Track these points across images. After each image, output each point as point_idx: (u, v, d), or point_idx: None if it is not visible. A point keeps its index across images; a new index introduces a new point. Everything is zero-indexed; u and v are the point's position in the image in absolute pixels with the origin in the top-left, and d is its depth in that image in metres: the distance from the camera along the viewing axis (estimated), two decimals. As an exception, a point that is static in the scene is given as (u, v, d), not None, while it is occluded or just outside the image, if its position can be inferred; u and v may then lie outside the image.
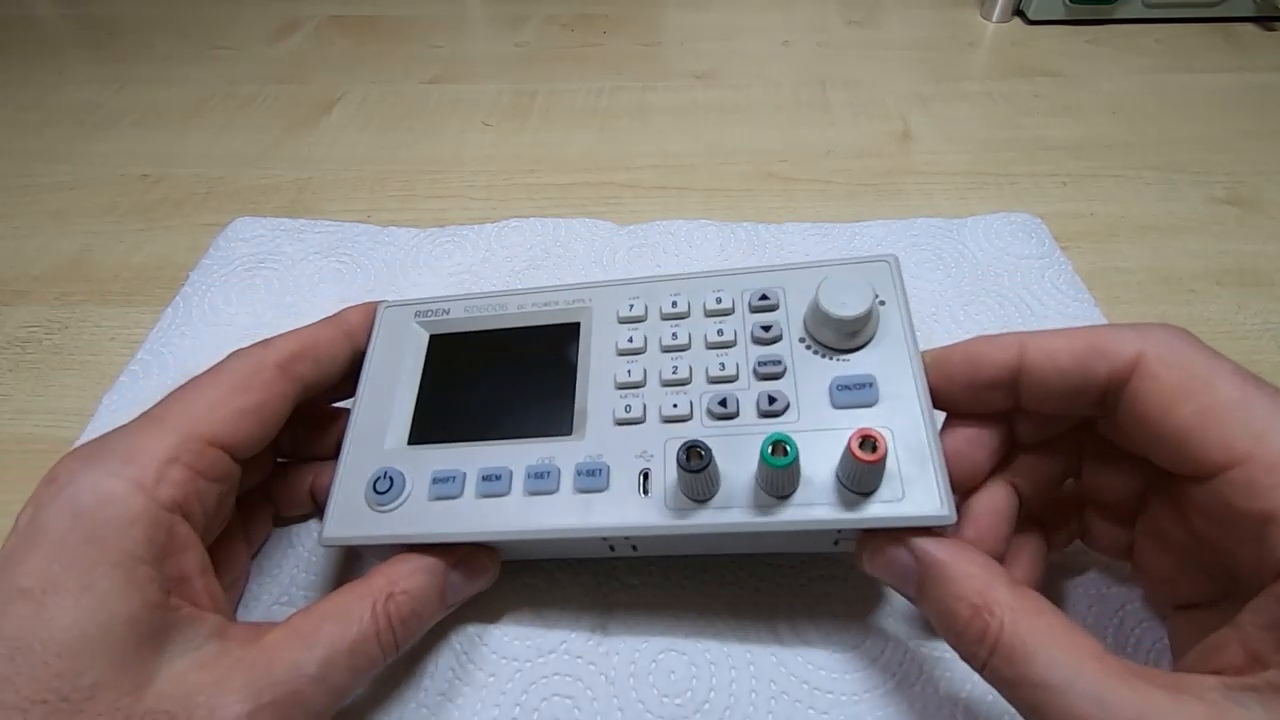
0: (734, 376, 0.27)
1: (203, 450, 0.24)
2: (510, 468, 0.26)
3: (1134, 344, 0.21)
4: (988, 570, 0.21)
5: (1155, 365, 0.20)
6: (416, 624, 0.25)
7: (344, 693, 0.23)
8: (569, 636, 0.28)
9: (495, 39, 0.69)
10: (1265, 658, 0.17)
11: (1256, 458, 0.18)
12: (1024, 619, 0.19)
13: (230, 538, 0.28)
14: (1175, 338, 0.21)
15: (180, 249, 0.46)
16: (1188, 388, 0.20)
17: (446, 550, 0.26)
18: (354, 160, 0.54)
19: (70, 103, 0.60)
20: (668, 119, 0.57)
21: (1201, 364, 0.20)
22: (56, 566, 0.20)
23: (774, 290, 0.28)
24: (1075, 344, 0.22)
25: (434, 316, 0.31)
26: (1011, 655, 0.19)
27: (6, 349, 0.41)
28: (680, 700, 0.27)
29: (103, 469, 0.22)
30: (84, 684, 0.19)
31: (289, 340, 0.28)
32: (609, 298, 0.30)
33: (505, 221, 0.46)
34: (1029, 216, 0.45)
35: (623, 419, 0.26)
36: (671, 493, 0.24)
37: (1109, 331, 0.22)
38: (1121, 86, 0.59)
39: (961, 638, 0.21)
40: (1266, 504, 0.17)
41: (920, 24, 0.69)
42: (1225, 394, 0.19)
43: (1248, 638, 0.18)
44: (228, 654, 0.22)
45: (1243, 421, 0.18)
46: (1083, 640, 0.19)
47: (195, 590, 0.23)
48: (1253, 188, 0.49)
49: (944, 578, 0.21)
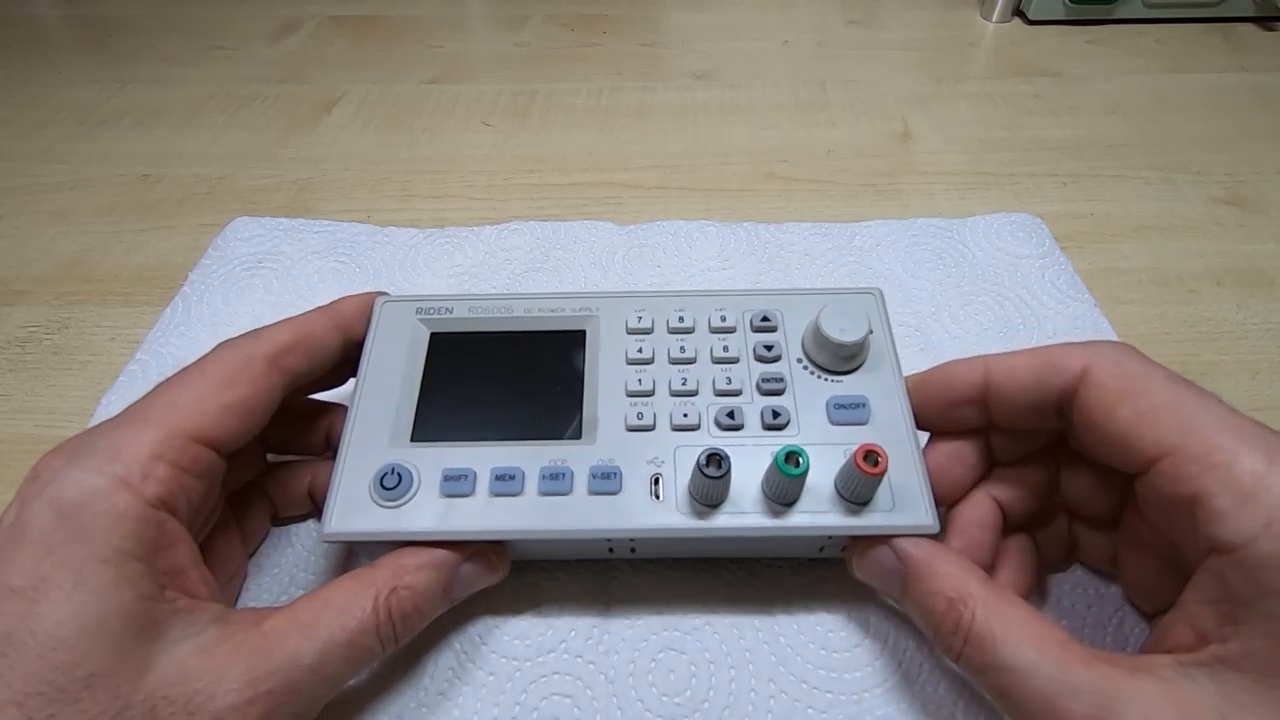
0: (739, 390, 0.28)
1: (187, 447, 0.24)
2: (523, 468, 0.26)
3: (1082, 358, 0.23)
4: (963, 569, 0.23)
5: (1099, 375, 0.23)
6: (418, 619, 0.25)
7: (338, 683, 0.24)
8: (569, 635, 0.28)
9: (495, 39, 0.69)
10: (1209, 633, 0.19)
11: (1184, 448, 0.20)
12: (994, 610, 0.21)
13: (225, 535, 0.28)
14: (1118, 351, 0.23)
15: (180, 249, 0.46)
16: (1126, 392, 0.22)
17: (457, 545, 0.26)
18: (354, 160, 0.54)
19: (70, 103, 0.60)
20: (668, 119, 0.57)
21: (1139, 372, 0.22)
22: (46, 565, 0.20)
23: (774, 313, 0.30)
24: (1033, 361, 0.24)
25: (436, 315, 0.31)
26: (982, 643, 0.21)
27: (6, 349, 0.41)
28: (680, 699, 0.27)
29: (87, 466, 0.22)
30: (80, 675, 0.20)
31: (280, 331, 0.27)
32: (615, 308, 0.31)
33: (505, 224, 0.46)
34: (1029, 216, 0.45)
35: (634, 425, 0.27)
36: (683, 497, 0.26)
37: (1061, 349, 0.24)
38: (1121, 86, 0.60)
39: (939, 630, 0.22)
40: (1192, 487, 0.19)
41: (920, 24, 0.69)
42: (1158, 396, 0.21)
43: (1191, 616, 0.20)
44: (229, 639, 0.22)
45: (1173, 418, 0.21)
46: (1049, 629, 0.21)
47: (191, 582, 0.23)
48: (1253, 188, 0.49)
49: (924, 576, 0.23)
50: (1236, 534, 0.18)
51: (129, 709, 0.20)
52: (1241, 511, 0.18)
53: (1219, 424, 0.20)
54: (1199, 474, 0.19)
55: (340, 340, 0.29)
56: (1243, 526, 0.18)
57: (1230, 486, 0.19)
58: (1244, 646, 0.18)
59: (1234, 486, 0.19)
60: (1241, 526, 0.18)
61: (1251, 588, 0.18)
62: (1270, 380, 0.38)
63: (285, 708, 0.22)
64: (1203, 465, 0.19)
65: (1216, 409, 0.21)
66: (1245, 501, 0.18)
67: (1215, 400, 0.21)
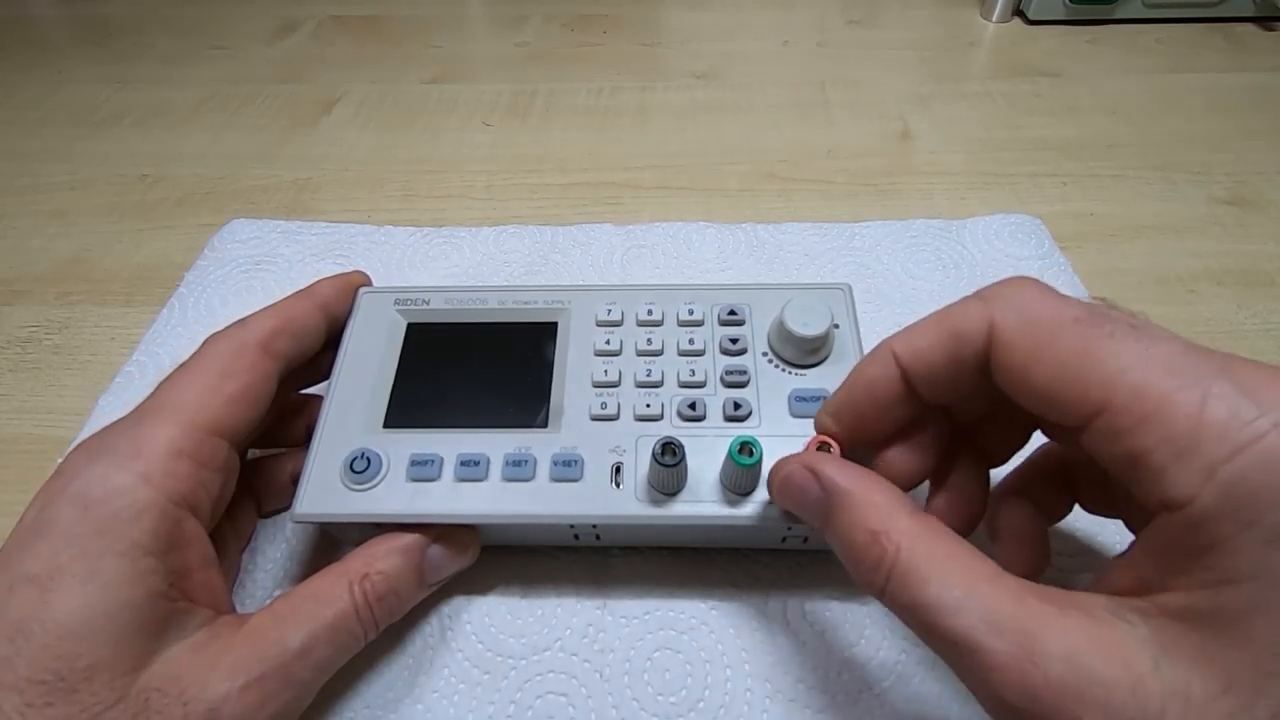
0: (703, 382, 0.29)
1: (204, 441, 0.24)
2: (488, 455, 0.27)
3: (983, 317, 0.20)
4: (891, 499, 0.21)
5: (1005, 334, 0.20)
6: (395, 601, 0.26)
7: (327, 668, 0.24)
8: (564, 634, 0.28)
9: (495, 39, 0.69)
10: (1151, 582, 0.18)
11: (1112, 403, 0.18)
12: (920, 544, 0.19)
13: (219, 530, 0.28)
14: (1020, 294, 0.20)
15: (180, 249, 0.46)
16: (1036, 350, 0.19)
17: (424, 529, 0.27)
18: (354, 160, 0.54)
19: (70, 103, 0.61)
20: (668, 119, 0.57)
21: (1046, 318, 0.20)
22: (64, 555, 0.21)
23: (741, 306, 0.31)
24: (937, 335, 0.21)
25: (413, 305, 0.32)
26: (906, 579, 0.19)
27: (6, 349, 0.41)
28: (675, 698, 0.27)
29: (110, 462, 0.23)
30: (81, 665, 0.20)
31: (266, 318, 0.28)
32: (587, 301, 0.31)
33: (504, 226, 0.46)
34: (1028, 217, 0.45)
35: (598, 415, 0.28)
36: (641, 485, 0.26)
37: (960, 310, 0.21)
38: (1121, 86, 0.59)
39: (860, 565, 0.21)
40: (1130, 445, 0.17)
41: (920, 24, 0.69)
42: (1070, 346, 0.19)
43: (1135, 563, 0.18)
44: (217, 637, 0.23)
45: (1091, 371, 0.18)
46: (979, 564, 0.19)
47: (193, 584, 0.23)
48: (1253, 188, 0.49)
49: (847, 506, 0.21)
50: (1180, 490, 0.16)
51: (123, 700, 0.20)
52: (1181, 464, 0.16)
53: (1142, 364, 0.18)
54: (1132, 428, 0.17)
55: (324, 320, 0.30)
56: (1186, 481, 0.16)
57: (1166, 437, 0.17)
58: (1186, 599, 0.17)
59: (1170, 436, 0.17)
60: (1184, 481, 0.16)
61: (1192, 540, 0.16)
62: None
63: (279, 693, 0.22)
64: (1134, 417, 0.17)
65: (1134, 345, 0.18)
66: (1183, 452, 0.16)
67: (1131, 332, 0.18)
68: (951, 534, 0.20)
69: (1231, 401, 0.16)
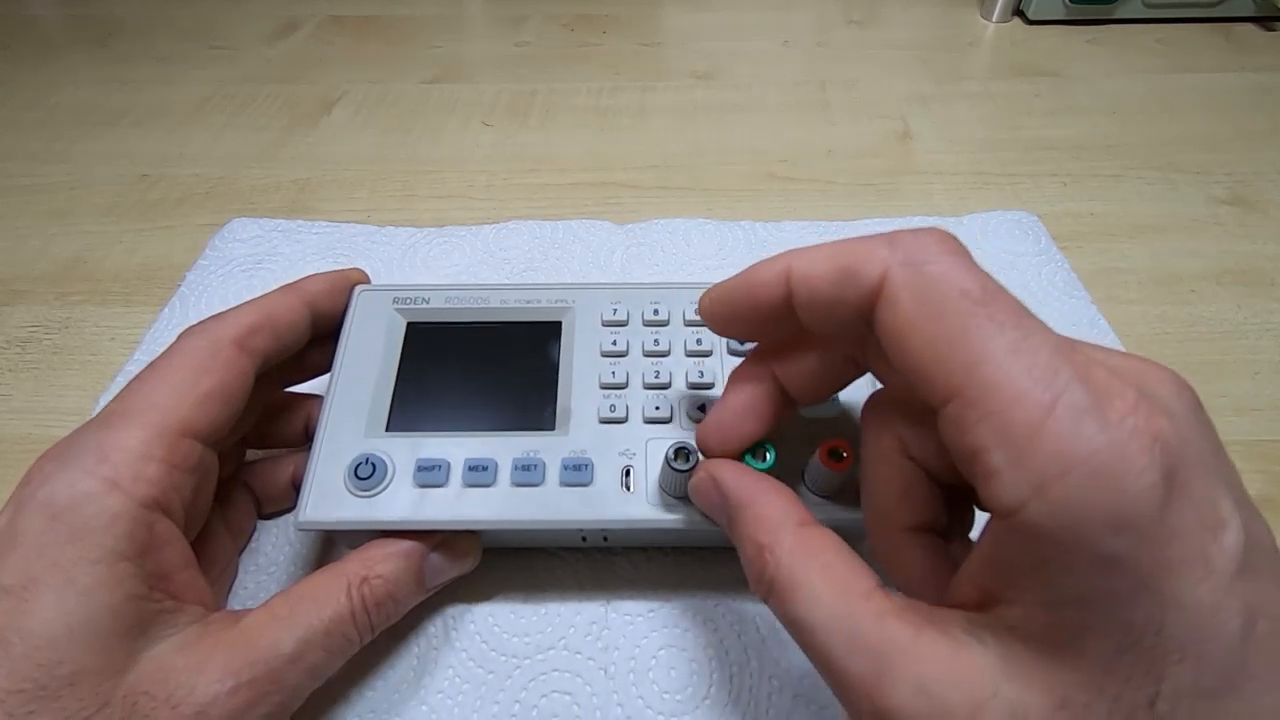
0: (711, 384, 0.29)
1: (175, 443, 0.23)
2: (496, 459, 0.27)
3: (882, 262, 0.18)
4: (781, 512, 0.21)
5: (895, 289, 0.18)
6: (392, 607, 0.25)
7: (320, 672, 0.24)
8: (568, 632, 0.28)
9: (495, 39, 0.69)
10: (993, 592, 0.17)
11: (966, 391, 0.16)
12: (798, 559, 0.19)
13: (212, 531, 0.28)
14: (924, 248, 0.18)
15: (180, 249, 0.46)
16: (919, 314, 0.17)
17: (425, 534, 0.26)
18: (354, 160, 0.54)
19: (70, 103, 0.60)
20: (668, 119, 0.57)
21: (940, 283, 0.17)
22: (37, 565, 0.20)
23: None
24: (833, 265, 0.19)
25: (412, 304, 0.31)
26: (783, 595, 0.19)
27: (6, 349, 0.41)
28: (680, 696, 0.27)
29: (77, 468, 0.22)
30: (63, 672, 0.20)
31: (245, 313, 0.27)
32: (591, 300, 0.31)
33: (503, 224, 0.46)
34: (1026, 214, 0.45)
35: (607, 418, 0.28)
36: (653, 489, 0.26)
37: (863, 248, 0.19)
38: (1121, 86, 0.60)
39: (749, 576, 0.21)
40: (971, 440, 0.16)
41: (920, 24, 0.69)
42: (951, 320, 0.17)
43: (975, 572, 0.18)
44: (208, 636, 0.22)
45: (958, 352, 0.16)
46: (855, 580, 0.19)
47: (177, 585, 0.23)
48: (1253, 188, 0.49)
49: (743, 518, 0.21)
50: (1009, 497, 0.15)
51: (108, 706, 0.20)
52: (1014, 471, 0.15)
53: (1008, 356, 0.16)
54: (976, 422, 0.16)
55: (308, 317, 0.28)
56: (1015, 489, 0.15)
57: (1005, 439, 0.15)
58: (1023, 615, 0.16)
59: (1009, 439, 0.15)
60: (1014, 488, 0.15)
61: (1025, 555, 0.16)
62: (1270, 380, 0.38)
63: (269, 697, 0.22)
64: (981, 412, 0.16)
65: (1010, 333, 0.16)
66: (1019, 458, 0.15)
67: (1015, 318, 0.17)
68: (836, 548, 0.20)
69: (1078, 412, 0.15)
